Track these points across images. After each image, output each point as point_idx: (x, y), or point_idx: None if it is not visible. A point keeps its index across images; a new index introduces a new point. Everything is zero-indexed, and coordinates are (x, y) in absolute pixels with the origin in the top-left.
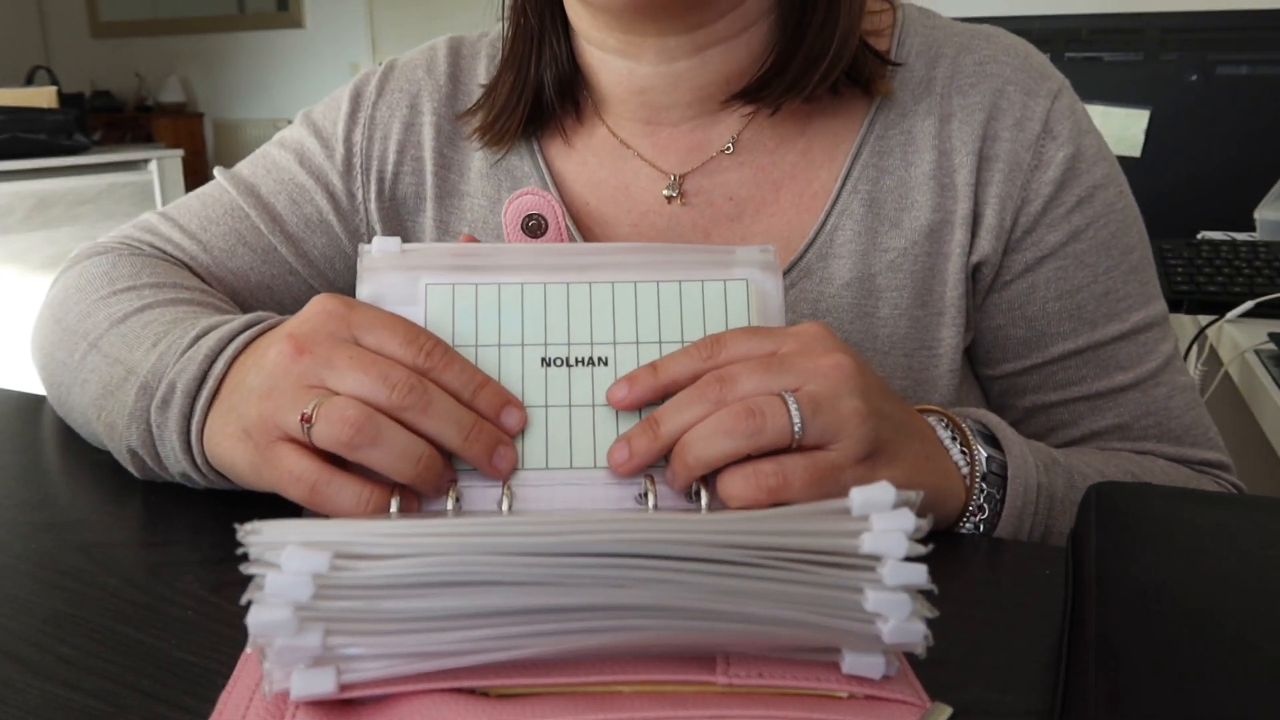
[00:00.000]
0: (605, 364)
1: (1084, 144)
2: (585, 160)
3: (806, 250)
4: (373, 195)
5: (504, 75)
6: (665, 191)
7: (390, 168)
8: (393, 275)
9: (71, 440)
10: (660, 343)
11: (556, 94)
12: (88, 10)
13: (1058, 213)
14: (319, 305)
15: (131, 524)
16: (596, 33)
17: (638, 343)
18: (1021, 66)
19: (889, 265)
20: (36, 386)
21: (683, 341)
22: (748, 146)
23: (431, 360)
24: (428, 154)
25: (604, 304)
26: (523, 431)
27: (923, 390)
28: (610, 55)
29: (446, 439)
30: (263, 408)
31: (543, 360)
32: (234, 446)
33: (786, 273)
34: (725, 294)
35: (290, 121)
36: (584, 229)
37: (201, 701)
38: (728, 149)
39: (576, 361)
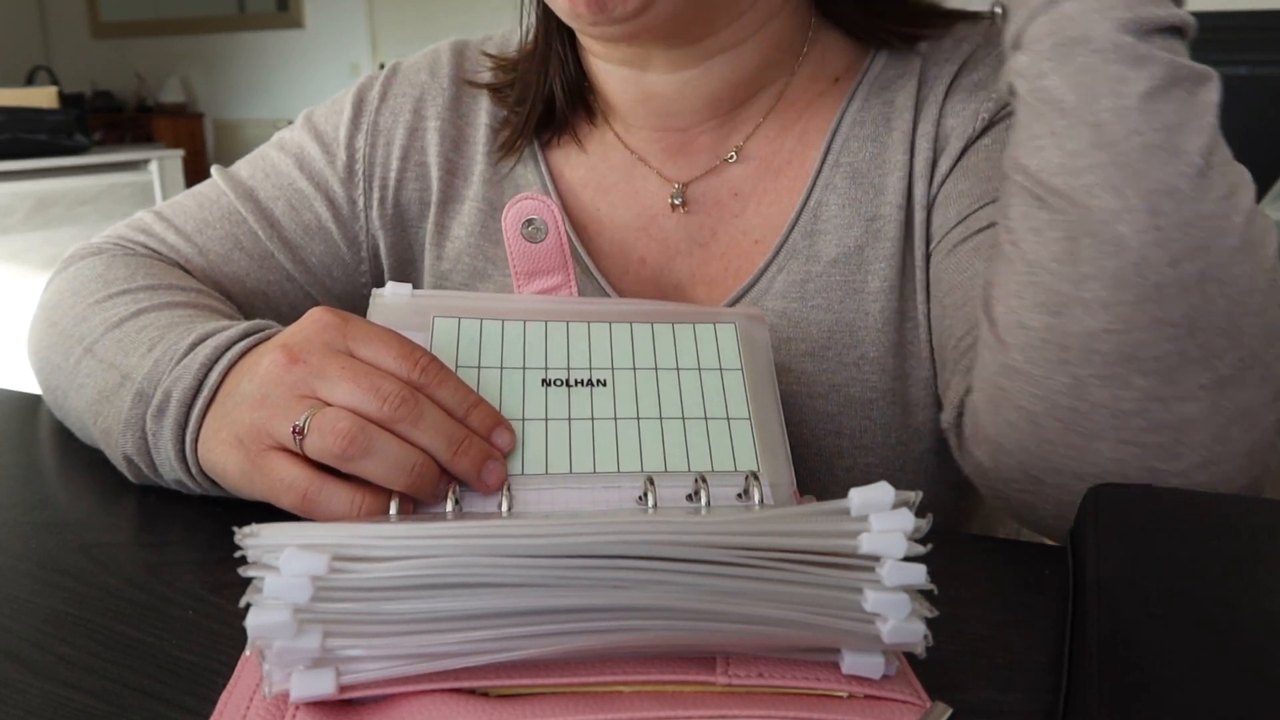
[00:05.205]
0: (604, 385)
1: None
2: (595, 165)
3: (791, 230)
4: (375, 203)
5: (514, 85)
6: (671, 199)
7: (394, 175)
8: (403, 312)
9: (71, 440)
10: (656, 369)
11: (567, 100)
12: (88, 10)
13: None
14: (314, 316)
15: (131, 524)
16: (600, 46)
17: (634, 369)
18: (991, 28)
19: (875, 234)
20: (36, 386)
21: (678, 370)
22: (752, 138)
23: (426, 376)
24: (433, 159)
25: (602, 339)
26: (523, 441)
27: (907, 366)
28: (615, 66)
29: (435, 452)
30: (255, 416)
31: (543, 381)
32: (226, 454)
33: (774, 257)
34: (716, 334)
35: (290, 122)
36: (592, 233)
37: (201, 701)
38: (731, 158)
39: (576, 383)
